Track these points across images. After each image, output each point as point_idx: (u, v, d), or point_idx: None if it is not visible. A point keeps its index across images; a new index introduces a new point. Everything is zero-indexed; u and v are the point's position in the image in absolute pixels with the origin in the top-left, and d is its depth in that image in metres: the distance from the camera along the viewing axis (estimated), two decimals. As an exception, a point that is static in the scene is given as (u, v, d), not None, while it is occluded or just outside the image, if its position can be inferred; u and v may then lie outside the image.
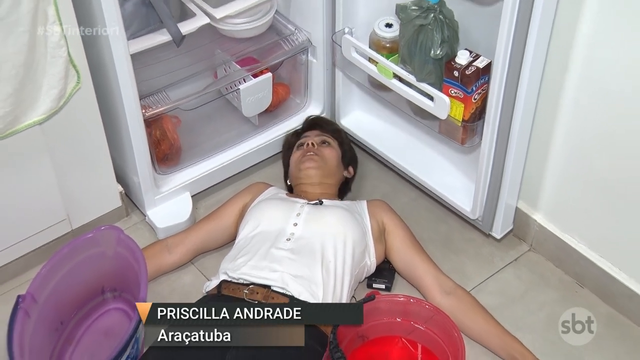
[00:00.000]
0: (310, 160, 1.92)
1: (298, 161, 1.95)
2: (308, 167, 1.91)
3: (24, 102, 1.60)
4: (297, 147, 2.00)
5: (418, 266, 1.82)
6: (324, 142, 1.98)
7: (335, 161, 1.97)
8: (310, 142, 1.96)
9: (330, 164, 1.94)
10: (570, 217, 1.86)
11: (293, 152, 2.02)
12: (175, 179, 2.05)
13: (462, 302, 1.74)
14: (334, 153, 1.97)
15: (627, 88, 1.55)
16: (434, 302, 1.76)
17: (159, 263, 1.86)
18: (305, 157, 1.93)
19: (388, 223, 1.85)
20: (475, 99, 1.69)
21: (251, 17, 2.01)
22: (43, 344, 1.61)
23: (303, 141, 1.99)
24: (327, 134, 2.03)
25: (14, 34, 1.48)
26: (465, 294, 1.77)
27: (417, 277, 1.82)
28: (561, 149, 1.76)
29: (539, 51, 1.59)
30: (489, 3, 1.67)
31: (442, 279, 1.79)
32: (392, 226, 1.85)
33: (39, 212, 1.85)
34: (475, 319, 1.72)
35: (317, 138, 1.99)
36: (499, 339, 1.70)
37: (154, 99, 1.91)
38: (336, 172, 1.96)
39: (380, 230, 1.85)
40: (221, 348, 1.52)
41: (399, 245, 1.84)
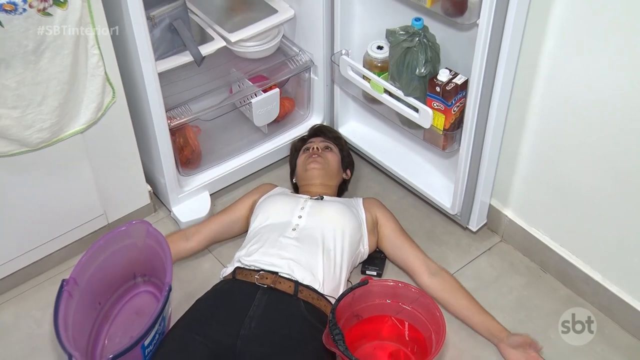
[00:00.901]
0: (314, 162, 1.91)
1: (304, 163, 1.94)
2: (313, 168, 1.90)
3: (67, 114, 1.61)
4: (303, 151, 1.99)
5: (407, 252, 1.81)
6: (327, 148, 1.98)
7: (336, 164, 1.96)
8: (315, 147, 1.96)
9: (331, 166, 1.94)
10: (535, 213, 1.86)
11: (299, 155, 2.00)
12: (196, 180, 2.05)
13: (447, 282, 1.74)
14: (335, 157, 1.96)
15: (585, 102, 1.56)
16: (422, 282, 1.77)
17: (177, 248, 1.85)
18: (311, 159, 1.92)
19: (380, 216, 1.85)
20: (454, 111, 1.70)
21: (261, 40, 2.02)
22: (83, 321, 1.61)
23: (308, 146, 1.99)
24: (330, 141, 2.02)
25: (59, 55, 1.50)
26: (449, 276, 1.77)
27: (406, 261, 1.81)
28: (528, 154, 1.77)
29: (509, 70, 1.61)
30: (465, 29, 1.68)
31: (429, 262, 1.79)
32: (384, 219, 1.85)
33: (79, 208, 1.85)
34: (458, 298, 1.72)
35: (321, 144, 1.98)
36: (479, 316, 1.69)
37: (177, 111, 1.92)
38: (336, 174, 1.96)
39: (374, 223, 1.84)
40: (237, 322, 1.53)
41: (390, 234, 1.84)
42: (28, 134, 1.56)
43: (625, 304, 1.70)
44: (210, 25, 1.93)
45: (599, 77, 1.50)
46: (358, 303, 1.61)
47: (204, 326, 1.53)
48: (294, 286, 1.59)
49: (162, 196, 2.05)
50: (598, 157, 1.61)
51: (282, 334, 1.52)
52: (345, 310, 1.58)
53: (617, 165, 1.58)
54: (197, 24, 1.94)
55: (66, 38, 1.49)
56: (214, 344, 1.49)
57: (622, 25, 1.40)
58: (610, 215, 1.65)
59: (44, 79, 1.51)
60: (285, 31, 2.11)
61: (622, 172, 1.57)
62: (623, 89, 1.47)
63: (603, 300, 1.76)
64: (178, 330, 1.55)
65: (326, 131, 2.08)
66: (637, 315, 1.69)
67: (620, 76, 1.46)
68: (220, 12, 2.01)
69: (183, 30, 1.81)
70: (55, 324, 1.47)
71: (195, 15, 1.96)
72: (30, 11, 1.40)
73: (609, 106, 1.52)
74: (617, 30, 1.41)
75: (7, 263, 1.79)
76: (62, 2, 1.43)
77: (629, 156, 1.54)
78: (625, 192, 1.58)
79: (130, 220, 1.73)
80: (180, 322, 1.58)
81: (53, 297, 1.53)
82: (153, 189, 2.03)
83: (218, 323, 1.53)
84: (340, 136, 2.10)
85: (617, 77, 1.46)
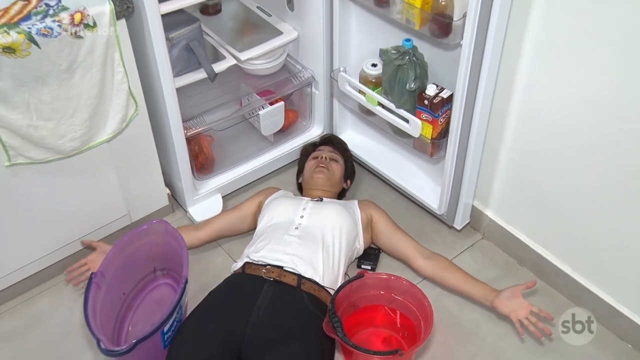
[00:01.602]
0: (321, 172, 1.89)
1: (311, 170, 1.92)
2: (318, 177, 1.89)
3: (96, 125, 1.61)
4: (312, 158, 1.97)
5: (401, 241, 1.80)
6: (333, 159, 1.95)
7: (340, 175, 1.94)
8: (323, 156, 1.94)
9: (335, 176, 1.92)
10: (513, 213, 1.86)
11: (308, 160, 1.98)
12: (209, 184, 2.04)
13: (441, 262, 1.73)
14: (339, 168, 1.95)
15: (556, 114, 1.57)
16: (418, 265, 1.75)
17: (188, 238, 1.80)
18: (318, 168, 1.90)
19: (375, 214, 1.84)
20: (441, 121, 1.71)
21: (268, 59, 2.02)
22: (110, 310, 1.62)
23: (317, 154, 1.96)
24: (337, 152, 2.00)
25: (89, 73, 1.51)
26: (441, 256, 1.75)
27: (401, 250, 1.80)
28: (506, 160, 1.77)
29: (489, 85, 1.62)
30: (450, 49, 1.69)
31: (421, 248, 1.78)
32: (378, 216, 1.84)
33: (106, 209, 1.85)
34: (454, 272, 1.70)
35: (329, 154, 1.96)
36: (475, 284, 1.67)
37: (193, 122, 1.92)
38: (338, 183, 1.94)
39: (368, 221, 1.83)
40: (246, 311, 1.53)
41: (384, 228, 1.82)
42: (61, 143, 1.56)
43: (592, 293, 1.71)
44: (223, 46, 1.94)
45: (568, 92, 1.51)
46: (355, 294, 1.62)
47: (216, 315, 1.53)
48: (297, 279, 1.59)
49: (179, 198, 2.04)
50: (568, 162, 1.61)
51: (287, 322, 1.52)
52: (343, 300, 1.59)
53: (584, 170, 1.58)
54: (210, 44, 1.95)
55: (95, 57, 1.50)
56: (225, 331, 1.49)
57: (588, 47, 1.42)
58: (579, 215, 1.65)
59: (75, 94, 1.52)
60: (289, 50, 2.11)
61: (589, 175, 1.58)
62: (589, 103, 1.48)
63: (572, 291, 1.76)
64: (194, 318, 1.56)
65: (335, 142, 2.06)
66: (602, 303, 1.69)
67: (586, 92, 1.47)
68: (231, 34, 2.01)
69: (198, 50, 1.80)
70: (85, 312, 1.47)
71: (209, 37, 1.96)
72: (64, 34, 1.42)
73: (576, 118, 1.53)
74: (583, 51, 1.43)
75: (43, 257, 1.79)
76: (91, 26, 1.45)
77: (594, 162, 1.54)
78: (592, 194, 1.59)
79: (151, 220, 1.73)
80: (196, 311, 1.58)
81: (83, 288, 1.55)
82: (171, 191, 2.02)
83: (229, 312, 1.53)
84: (347, 148, 2.07)
85: (583, 92, 1.47)
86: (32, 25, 1.38)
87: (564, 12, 1.42)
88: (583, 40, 1.41)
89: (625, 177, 1.50)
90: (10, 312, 1.79)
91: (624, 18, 1.32)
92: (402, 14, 1.60)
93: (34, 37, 1.38)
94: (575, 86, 1.49)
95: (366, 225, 1.83)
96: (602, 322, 1.71)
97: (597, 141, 1.51)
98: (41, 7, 1.43)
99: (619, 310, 1.67)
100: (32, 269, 1.79)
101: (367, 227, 1.84)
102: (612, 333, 1.71)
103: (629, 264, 1.60)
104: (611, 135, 1.47)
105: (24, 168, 1.59)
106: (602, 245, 1.64)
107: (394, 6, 1.61)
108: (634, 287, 1.63)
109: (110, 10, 1.47)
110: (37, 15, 1.41)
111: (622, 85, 1.40)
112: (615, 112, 1.44)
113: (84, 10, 1.44)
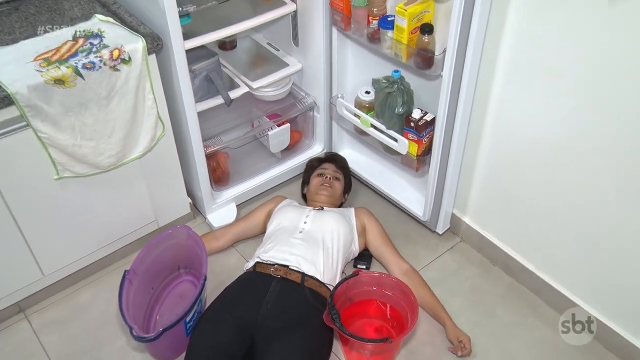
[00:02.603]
0: (325, 190, 1.88)
1: (316, 186, 1.90)
2: (322, 194, 1.88)
3: (129, 144, 1.62)
4: (318, 175, 1.93)
5: (385, 254, 1.79)
6: (336, 178, 1.93)
7: (340, 191, 1.93)
8: (328, 176, 1.91)
9: (337, 194, 1.90)
10: (487, 220, 1.86)
11: (314, 175, 1.95)
12: (225, 194, 2.03)
13: (412, 280, 1.71)
14: (340, 186, 1.92)
15: (523, 134, 1.57)
16: (394, 274, 1.75)
17: (209, 246, 1.83)
18: (322, 187, 1.88)
19: (367, 223, 1.83)
20: (425, 141, 1.71)
21: (276, 87, 2.02)
22: (140, 302, 1.62)
23: (322, 172, 1.93)
24: (339, 170, 1.97)
25: (124, 100, 1.53)
26: (415, 274, 1.73)
27: (384, 261, 1.80)
28: (481, 174, 1.77)
29: (466, 109, 1.63)
30: (432, 79, 1.69)
31: (401, 263, 1.76)
32: (369, 226, 1.83)
33: (137, 215, 1.85)
34: (419, 291, 1.68)
35: (333, 173, 1.93)
36: (432, 304, 1.68)
37: (211, 141, 1.91)
38: (339, 198, 1.93)
39: (362, 228, 1.82)
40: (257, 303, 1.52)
41: (372, 240, 1.82)
42: (100, 159, 1.57)
43: (551, 287, 1.73)
44: (237, 76, 1.94)
45: (533, 114, 1.52)
46: (351, 290, 1.62)
47: (231, 307, 1.53)
48: (301, 276, 1.58)
49: (199, 206, 2.03)
50: (533, 176, 1.61)
51: (292, 313, 1.52)
52: (341, 295, 1.58)
53: (547, 183, 1.58)
54: (227, 75, 1.95)
55: (129, 87, 1.52)
56: (239, 320, 1.49)
57: (550, 76, 1.43)
58: (542, 222, 1.65)
59: (112, 117, 1.53)
60: (294, 80, 2.11)
61: (551, 188, 1.58)
62: (551, 124, 1.49)
63: (535, 285, 1.77)
64: (212, 310, 1.56)
65: (338, 160, 2.04)
66: (561, 296, 1.70)
67: (549, 113, 1.48)
68: (245, 66, 2.01)
69: (217, 80, 1.81)
70: (120, 304, 1.49)
71: (226, 68, 1.97)
72: (104, 68, 1.44)
73: (540, 137, 1.53)
74: (546, 80, 1.44)
75: (85, 257, 1.80)
76: (127, 61, 1.48)
77: (555, 175, 1.55)
78: (553, 204, 1.60)
79: (175, 225, 1.74)
80: (214, 304, 1.58)
81: (117, 283, 1.55)
82: (192, 200, 2.01)
83: (242, 304, 1.53)
84: (346, 165, 2.04)
85: (547, 114, 1.48)
86: (78, 61, 1.41)
87: (530, 46, 1.43)
88: (547, 69, 1.42)
89: (578, 190, 1.51)
90: (58, 302, 1.80)
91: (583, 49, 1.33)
92: (392, 49, 1.61)
93: (79, 70, 1.41)
94: (539, 110, 1.50)
95: (361, 232, 1.82)
96: (560, 312, 1.72)
97: (558, 158, 1.52)
98: (86, 45, 1.45)
99: (574, 301, 1.68)
100: (75, 266, 1.79)
101: (362, 233, 1.83)
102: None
103: (581, 263, 1.61)
104: (570, 151, 1.48)
105: (70, 181, 1.59)
106: (560, 247, 1.65)
107: (384, 42, 1.63)
108: (584, 281, 1.64)
109: (143, 47, 1.49)
110: (82, 52, 1.44)
111: (579, 108, 1.41)
112: (574, 131, 1.45)
113: (121, 47, 1.46)
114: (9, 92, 1.35)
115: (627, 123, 1.33)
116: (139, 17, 1.63)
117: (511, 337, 1.69)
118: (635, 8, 1.20)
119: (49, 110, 1.42)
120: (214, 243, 1.88)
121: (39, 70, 1.38)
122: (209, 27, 1.72)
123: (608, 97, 1.34)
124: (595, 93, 1.36)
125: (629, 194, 1.41)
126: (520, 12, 1.41)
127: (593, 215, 1.51)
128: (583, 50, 1.33)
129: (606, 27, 1.26)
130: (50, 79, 1.38)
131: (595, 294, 1.63)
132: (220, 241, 1.89)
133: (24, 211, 1.58)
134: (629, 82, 1.28)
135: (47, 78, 1.37)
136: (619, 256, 1.51)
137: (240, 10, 1.82)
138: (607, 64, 1.30)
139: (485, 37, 1.50)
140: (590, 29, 1.29)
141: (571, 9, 1.30)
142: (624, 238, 1.47)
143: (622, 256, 1.50)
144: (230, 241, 1.91)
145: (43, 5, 1.65)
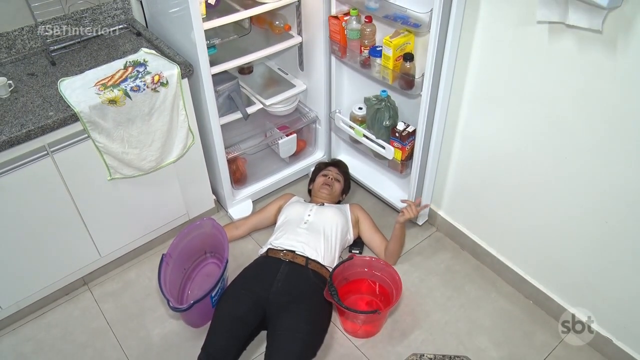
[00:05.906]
0: (326, 189, 1.89)
1: (320, 185, 1.91)
2: (323, 191, 1.89)
3: (166, 151, 1.66)
4: (322, 175, 1.95)
5: (373, 240, 1.82)
6: (337, 180, 1.93)
7: (339, 191, 1.93)
8: (330, 177, 1.92)
9: (336, 193, 1.91)
10: (457, 213, 1.87)
11: (319, 174, 1.96)
12: (243, 192, 2.06)
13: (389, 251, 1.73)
14: (340, 187, 1.93)
15: (487, 145, 1.59)
16: (382, 257, 1.78)
17: (231, 234, 1.85)
18: (324, 185, 1.89)
19: (360, 216, 1.85)
20: (407, 148, 1.74)
21: (285, 104, 2.03)
22: (175, 280, 1.65)
23: (326, 173, 1.94)
24: (340, 174, 1.97)
25: (162, 115, 1.57)
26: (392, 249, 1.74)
27: (373, 247, 1.82)
28: (453, 176, 1.79)
29: (440, 124, 1.66)
30: (414, 97, 1.73)
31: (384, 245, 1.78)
32: (362, 218, 1.85)
33: (172, 209, 1.87)
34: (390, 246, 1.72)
35: (335, 175, 1.93)
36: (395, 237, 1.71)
37: (232, 148, 1.94)
38: (337, 197, 1.93)
39: (356, 220, 1.85)
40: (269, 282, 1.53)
41: (365, 230, 1.84)
42: (143, 164, 1.62)
43: (509, 268, 1.75)
44: (253, 95, 1.96)
45: (495, 130, 1.55)
46: (346, 271, 1.65)
47: (248, 284, 1.56)
48: (305, 260, 1.61)
49: (222, 202, 2.04)
50: (494, 178, 1.63)
51: (298, 290, 1.54)
52: (338, 275, 1.61)
53: (505, 184, 1.60)
54: (245, 94, 1.97)
55: (166, 105, 1.56)
56: (255, 295, 1.52)
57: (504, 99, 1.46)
58: (503, 214, 1.67)
59: (152, 130, 1.57)
60: (300, 98, 2.12)
61: (508, 187, 1.60)
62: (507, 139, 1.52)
63: (496, 266, 1.79)
64: (232, 287, 1.58)
65: (341, 165, 2.03)
66: (515, 274, 1.73)
67: (504, 131, 1.51)
68: (259, 87, 2.03)
69: (237, 98, 1.83)
70: (159, 281, 1.54)
71: (244, 89, 1.98)
72: (147, 90, 1.50)
73: (500, 147, 1.56)
74: (501, 102, 1.47)
75: (131, 242, 1.83)
76: (165, 84, 1.52)
77: (512, 177, 1.56)
78: (511, 199, 1.61)
79: (203, 218, 1.75)
80: (234, 282, 1.60)
81: (157, 264, 1.61)
82: (216, 197, 2.03)
83: (257, 282, 1.56)
84: (347, 171, 2.03)
85: (507, 130, 1.51)
86: (127, 85, 1.47)
87: (489, 75, 1.47)
88: (502, 93, 1.46)
89: (529, 189, 1.54)
90: (112, 278, 1.84)
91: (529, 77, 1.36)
92: (380, 73, 1.64)
93: (128, 92, 1.47)
94: (497, 126, 1.53)
95: (355, 223, 1.85)
96: (515, 287, 1.76)
97: (513, 163, 1.55)
98: (134, 72, 1.52)
99: (525, 279, 1.71)
100: (124, 250, 1.83)
101: (356, 224, 1.85)
102: (521, 294, 1.76)
103: (533, 248, 1.63)
104: (521, 159, 1.50)
105: (119, 181, 1.63)
106: (516, 235, 1.67)
107: (374, 67, 1.66)
108: (535, 263, 1.67)
109: (177, 72, 1.54)
110: (131, 78, 1.50)
111: (527, 124, 1.44)
112: (524, 143, 1.48)
113: (160, 73, 1.52)
114: (76, 112, 1.42)
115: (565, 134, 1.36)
116: (175, 49, 1.68)
117: (477, 308, 1.72)
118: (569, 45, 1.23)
119: (104, 125, 1.47)
120: (234, 232, 1.90)
121: (97, 94, 1.44)
122: (231, 56, 1.75)
123: (548, 116, 1.37)
124: (539, 112, 1.39)
125: (567, 191, 1.43)
126: (481, 47, 1.44)
127: (542, 208, 1.53)
128: (529, 78, 1.36)
129: (547, 59, 1.29)
130: (106, 100, 1.44)
131: (543, 272, 1.65)
132: (239, 230, 1.91)
133: (85, 205, 1.61)
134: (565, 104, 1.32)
135: (104, 99, 1.43)
136: (561, 241, 1.53)
137: (256, 42, 1.86)
138: (549, 91, 1.33)
139: (456, 64, 1.53)
140: (535, 61, 1.32)
141: (519, 45, 1.34)
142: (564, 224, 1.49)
143: (563, 241, 1.53)
144: (247, 230, 1.92)
145: (103, 43, 1.74)
